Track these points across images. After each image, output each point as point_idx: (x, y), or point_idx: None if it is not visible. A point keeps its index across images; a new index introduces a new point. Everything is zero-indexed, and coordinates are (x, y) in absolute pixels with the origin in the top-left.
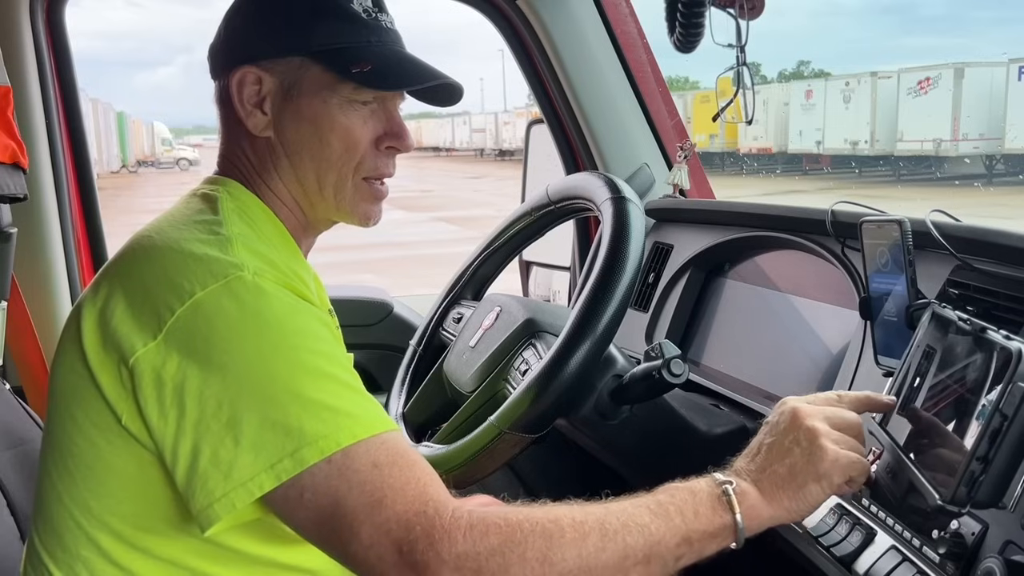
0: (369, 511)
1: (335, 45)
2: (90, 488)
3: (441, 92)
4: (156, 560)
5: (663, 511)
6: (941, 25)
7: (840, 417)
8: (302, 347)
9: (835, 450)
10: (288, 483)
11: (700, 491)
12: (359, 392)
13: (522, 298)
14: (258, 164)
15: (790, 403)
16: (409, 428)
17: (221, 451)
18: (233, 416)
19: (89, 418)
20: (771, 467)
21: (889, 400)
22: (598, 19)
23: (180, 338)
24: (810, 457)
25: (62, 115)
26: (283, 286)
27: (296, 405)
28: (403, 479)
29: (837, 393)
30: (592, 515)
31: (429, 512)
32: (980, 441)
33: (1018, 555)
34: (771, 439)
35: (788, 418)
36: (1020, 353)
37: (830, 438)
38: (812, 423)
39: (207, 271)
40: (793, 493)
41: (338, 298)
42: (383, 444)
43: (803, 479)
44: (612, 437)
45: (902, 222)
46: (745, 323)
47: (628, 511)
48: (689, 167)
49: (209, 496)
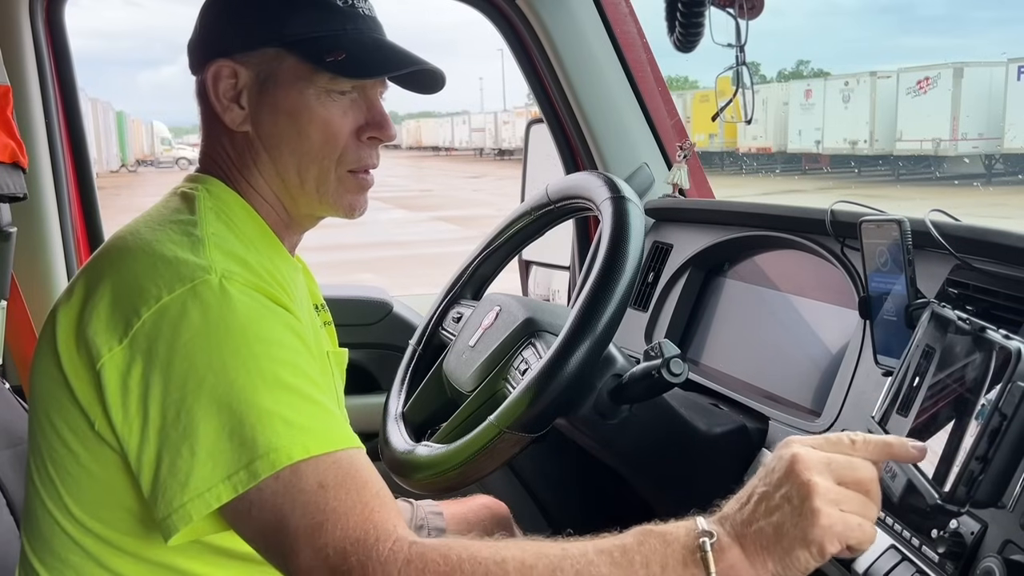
0: (309, 534)
1: (309, 34)
2: (71, 493)
3: (423, 79)
4: (144, 562)
5: (627, 560)
6: (940, 25)
7: (850, 468)
8: (264, 355)
9: (830, 513)
10: (239, 496)
11: (674, 541)
12: (319, 406)
13: (522, 297)
14: (238, 160)
15: (792, 446)
16: (408, 427)
17: (179, 461)
18: (191, 425)
19: (66, 423)
20: (758, 523)
21: (916, 448)
22: (598, 19)
23: (145, 344)
24: (799, 519)
25: (62, 114)
26: (254, 289)
27: (252, 415)
28: (349, 503)
29: (851, 436)
30: (544, 559)
31: (368, 541)
32: (979, 440)
33: (1017, 554)
34: (763, 488)
35: (784, 466)
36: (1019, 352)
37: (827, 497)
38: (809, 476)
39: (175, 274)
40: (779, 558)
41: (337, 297)
42: (335, 463)
43: (790, 543)
44: (611, 436)
45: (901, 222)
46: (744, 323)
47: (587, 557)
48: (689, 167)
49: (168, 506)
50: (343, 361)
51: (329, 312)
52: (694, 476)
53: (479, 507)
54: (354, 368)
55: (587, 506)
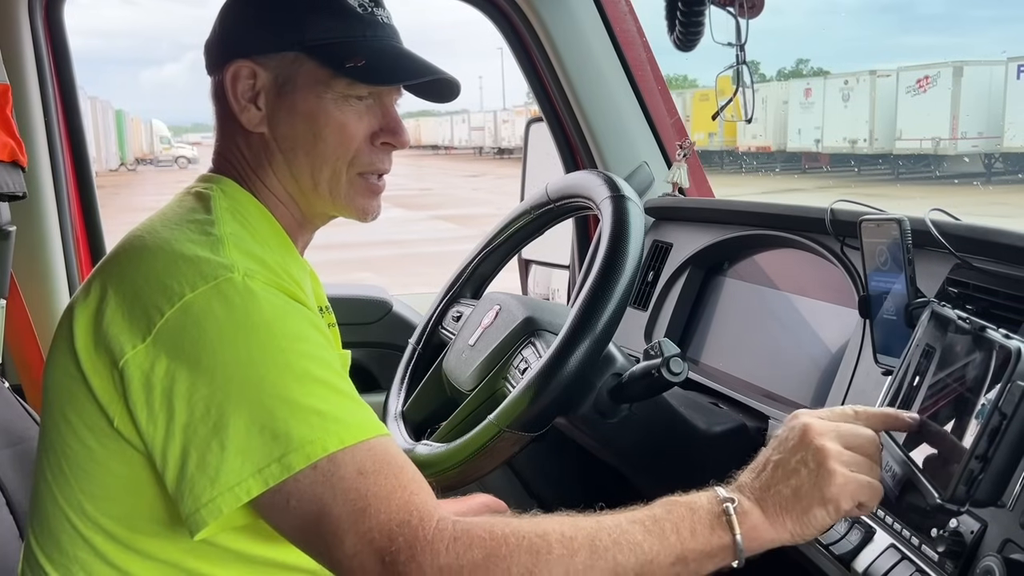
0: (353, 520)
1: (329, 40)
2: (84, 490)
3: (438, 88)
4: (152, 561)
5: (658, 528)
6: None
7: (855, 435)
8: (291, 350)
9: (844, 473)
10: (275, 488)
11: (700, 508)
12: (348, 396)
13: (521, 296)
14: (253, 161)
15: (801, 417)
16: (408, 426)
17: (208, 456)
18: (220, 420)
19: (82, 420)
20: (776, 487)
21: (911, 418)
22: (597, 17)
23: (169, 341)
24: (817, 480)
25: (61, 113)
26: (274, 287)
27: (284, 409)
28: (389, 487)
29: (854, 408)
30: (582, 530)
31: (413, 522)
32: (979, 440)
33: (1017, 554)
34: (778, 456)
35: (798, 435)
36: (1019, 352)
37: (840, 459)
38: (822, 442)
39: (197, 272)
40: (797, 516)
41: (337, 296)
42: (370, 450)
43: (808, 503)
44: (611, 435)
45: (901, 221)
46: (744, 322)
47: (621, 527)
48: (688, 165)
49: (196, 501)
50: (346, 363)
51: (332, 314)
52: (694, 474)
53: (479, 506)
54: (354, 367)
55: (587, 505)
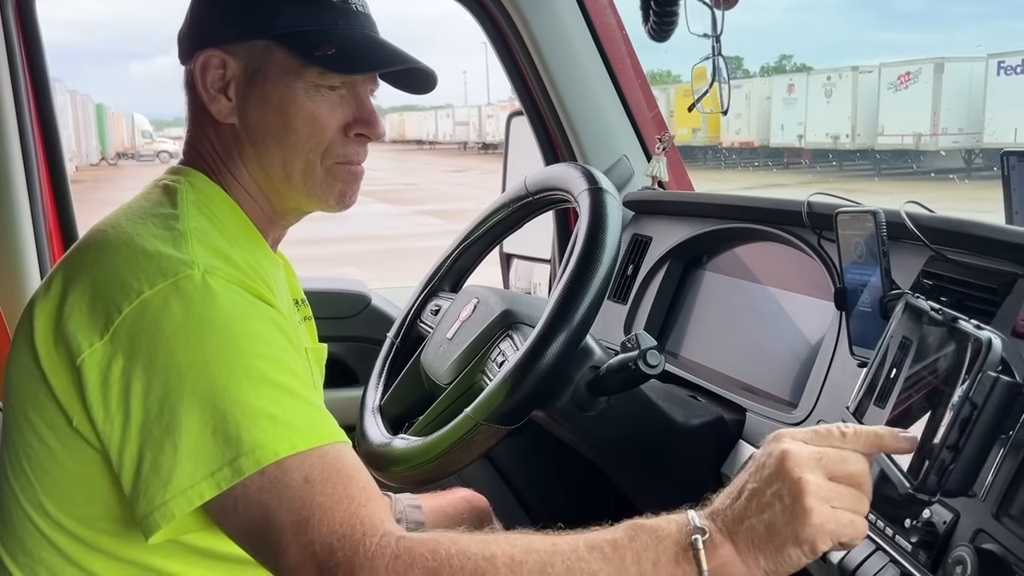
0: (296, 530)
1: (299, 28)
2: (46, 490)
3: (414, 78)
4: (116, 560)
5: (618, 557)
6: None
7: (841, 463)
8: (247, 351)
9: (821, 512)
10: (225, 493)
11: (666, 537)
12: (305, 401)
13: (500, 290)
14: (223, 153)
15: (782, 442)
16: (386, 420)
17: (162, 457)
18: (174, 421)
19: (42, 418)
20: (749, 519)
21: (908, 439)
22: (577, 10)
23: (126, 339)
24: (791, 518)
25: (33, 106)
26: (237, 285)
27: (236, 412)
28: (336, 497)
29: (842, 428)
30: (534, 554)
31: (356, 536)
32: (950, 430)
33: (989, 543)
34: (754, 484)
35: (775, 462)
36: (990, 342)
37: (819, 495)
38: (800, 474)
39: (157, 269)
40: (770, 555)
41: (316, 290)
42: (321, 458)
43: (781, 541)
44: (590, 429)
45: (876, 213)
46: (723, 315)
47: (578, 553)
48: (668, 159)
49: (150, 504)
50: (322, 357)
51: (309, 307)
52: (672, 467)
53: (458, 500)
54: (332, 361)
55: (567, 500)
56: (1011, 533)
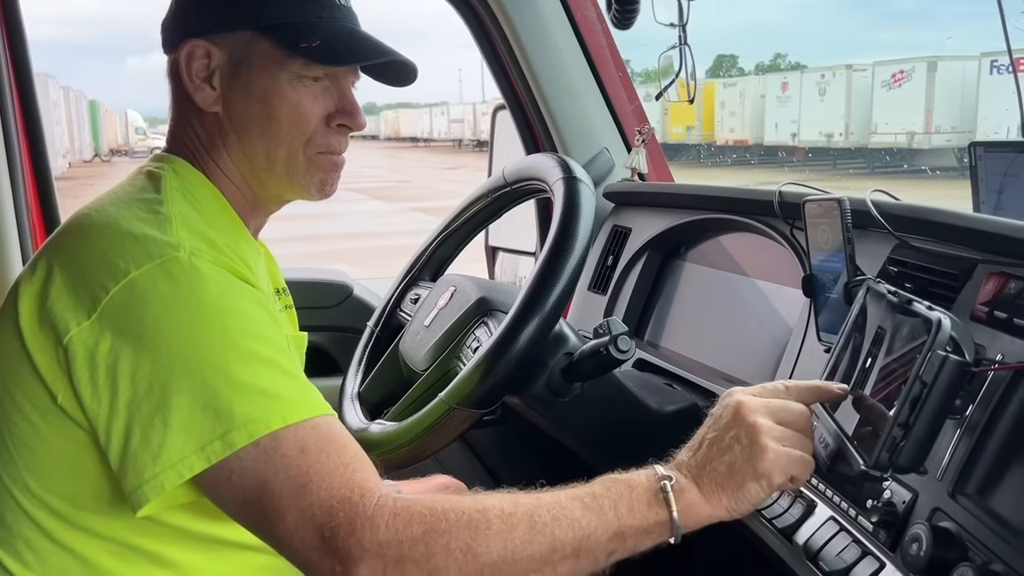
0: (294, 496)
1: (284, 19)
2: (28, 467)
3: (396, 71)
4: (98, 538)
5: (597, 505)
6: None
7: (786, 410)
8: (235, 329)
9: (775, 448)
10: (217, 465)
11: (638, 485)
12: (293, 376)
13: (476, 278)
14: (206, 141)
15: (735, 396)
16: (364, 407)
17: (151, 432)
18: (164, 397)
19: (26, 396)
20: (711, 464)
21: (840, 389)
22: (558, 3)
23: (114, 318)
24: (750, 456)
25: (16, 99)
26: (221, 266)
27: (227, 387)
28: (330, 465)
29: (784, 383)
30: (522, 506)
31: (354, 499)
32: (901, 408)
33: (944, 521)
34: (713, 434)
35: (731, 412)
36: (939, 322)
37: (771, 435)
38: (754, 419)
39: (143, 251)
40: (732, 492)
41: (297, 280)
42: (313, 429)
43: (742, 478)
44: (565, 414)
45: (841, 200)
46: (701, 304)
47: (560, 503)
48: (648, 151)
49: (139, 477)
50: (303, 345)
51: (290, 295)
52: (646, 453)
53: (438, 486)
54: (314, 351)
55: None
56: (965, 511)
